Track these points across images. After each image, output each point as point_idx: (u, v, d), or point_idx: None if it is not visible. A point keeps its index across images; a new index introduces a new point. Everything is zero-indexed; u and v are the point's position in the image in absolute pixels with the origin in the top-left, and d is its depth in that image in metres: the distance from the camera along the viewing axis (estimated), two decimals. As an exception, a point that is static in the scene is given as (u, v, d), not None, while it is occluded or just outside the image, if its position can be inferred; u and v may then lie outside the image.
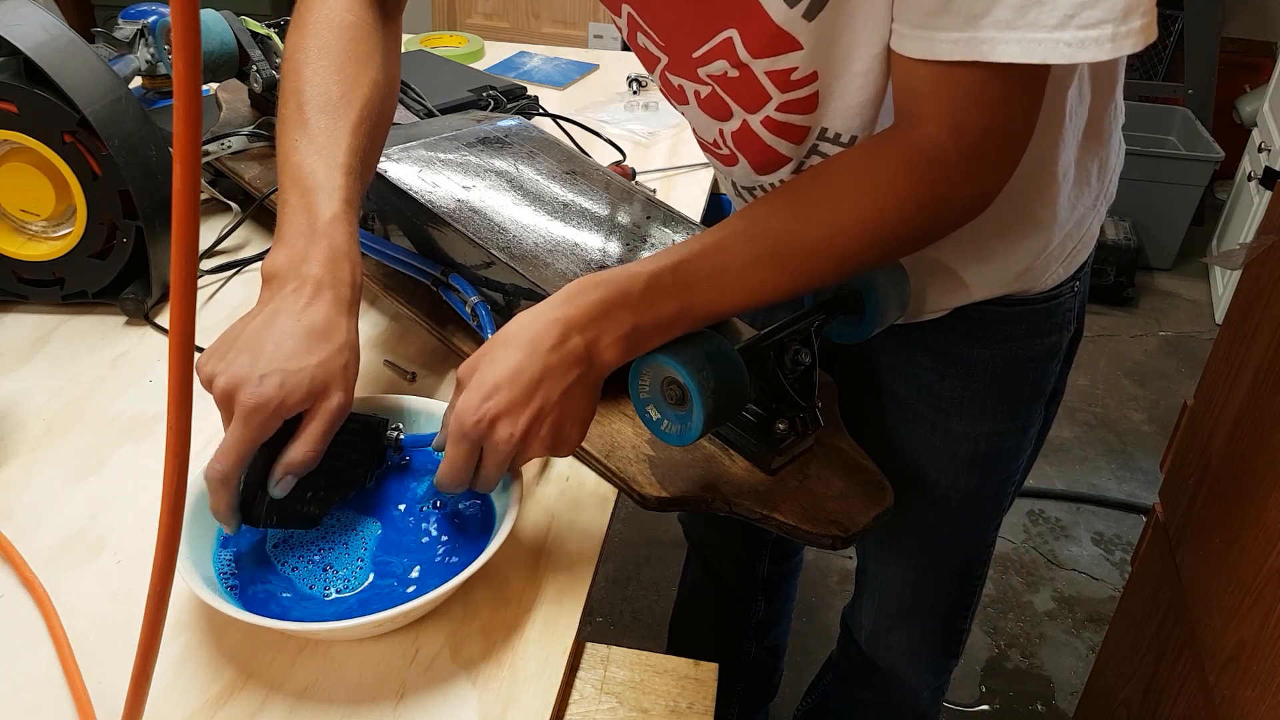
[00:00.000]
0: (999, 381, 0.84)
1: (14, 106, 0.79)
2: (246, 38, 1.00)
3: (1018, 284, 0.78)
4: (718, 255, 0.61)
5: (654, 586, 1.81)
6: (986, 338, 0.82)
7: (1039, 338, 0.83)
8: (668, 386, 0.61)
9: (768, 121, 0.68)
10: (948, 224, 0.62)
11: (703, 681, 0.59)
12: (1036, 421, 0.89)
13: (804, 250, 0.60)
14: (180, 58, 0.32)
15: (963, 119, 0.57)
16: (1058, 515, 2.05)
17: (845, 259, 0.61)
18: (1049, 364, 0.85)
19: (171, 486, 0.39)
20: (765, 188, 0.75)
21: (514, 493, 0.61)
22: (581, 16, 3.21)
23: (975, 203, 0.61)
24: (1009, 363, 0.83)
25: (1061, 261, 0.79)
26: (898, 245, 0.63)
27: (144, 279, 0.87)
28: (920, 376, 0.85)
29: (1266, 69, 2.96)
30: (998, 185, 0.61)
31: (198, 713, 0.54)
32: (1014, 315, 0.81)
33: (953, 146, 0.58)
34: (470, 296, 0.77)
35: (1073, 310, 0.84)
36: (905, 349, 0.85)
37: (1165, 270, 2.97)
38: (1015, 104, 0.57)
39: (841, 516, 0.67)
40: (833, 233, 0.60)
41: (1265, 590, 0.85)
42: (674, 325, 0.60)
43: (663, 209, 0.86)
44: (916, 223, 0.60)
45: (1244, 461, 0.94)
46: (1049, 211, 0.75)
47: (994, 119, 0.57)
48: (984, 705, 1.64)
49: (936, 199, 0.60)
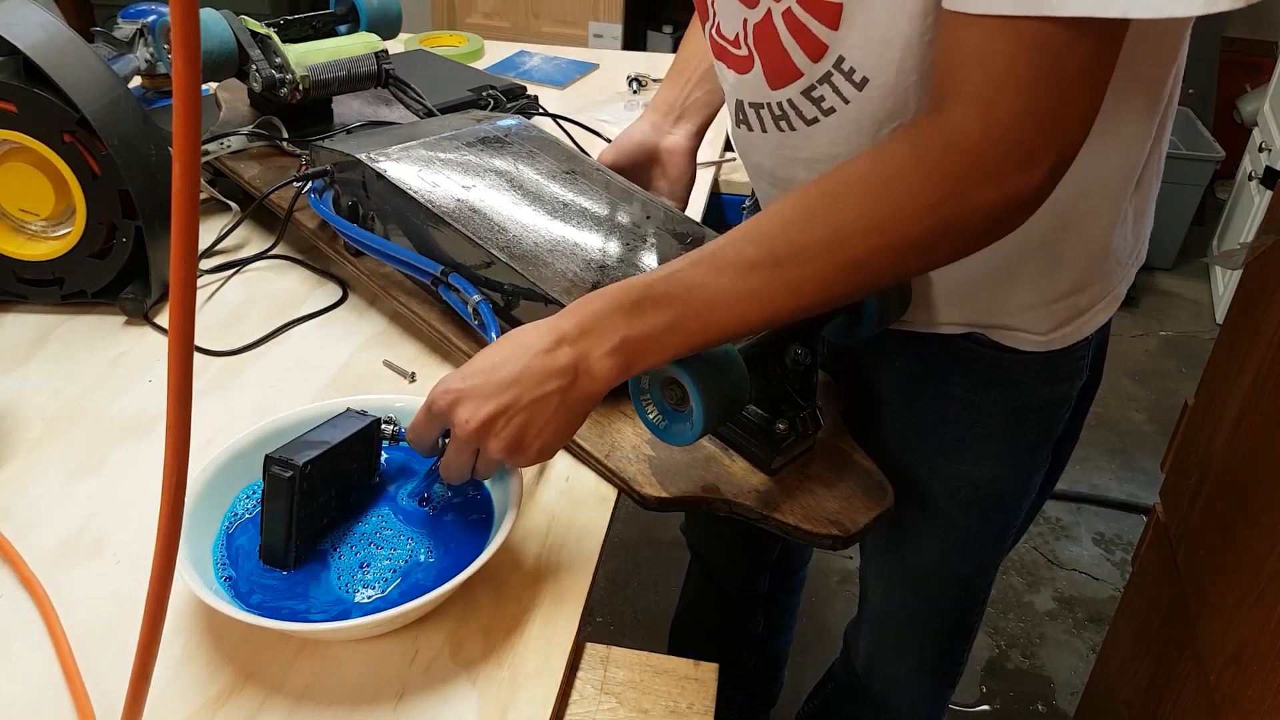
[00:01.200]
0: (1001, 428, 0.79)
1: (13, 106, 0.79)
2: (246, 37, 1.00)
3: (1029, 321, 0.73)
4: (711, 262, 0.57)
5: (654, 586, 1.81)
6: (991, 383, 0.77)
7: (1047, 386, 0.78)
8: (668, 387, 0.61)
9: (788, 16, 0.62)
10: (969, 233, 0.54)
11: (703, 682, 0.59)
12: (1042, 468, 0.85)
13: (801, 256, 0.55)
14: (180, 56, 0.32)
15: (997, 97, 0.50)
16: (1058, 515, 2.04)
17: (848, 268, 0.55)
18: (1057, 412, 0.80)
19: (171, 486, 0.39)
20: (774, 107, 0.68)
21: (514, 493, 0.61)
22: (581, 16, 3.21)
23: (1002, 209, 0.53)
24: (1013, 410, 0.78)
25: (1090, 312, 0.74)
26: (909, 255, 0.55)
27: (143, 279, 0.87)
28: (921, 416, 0.81)
29: (1267, 68, 2.96)
30: (1030, 189, 0.52)
31: (197, 713, 0.54)
32: (1021, 361, 0.75)
33: (979, 130, 0.50)
34: (472, 295, 0.77)
35: (1085, 358, 0.78)
36: (908, 385, 0.82)
37: (1166, 270, 2.97)
38: (1067, 84, 0.49)
39: (841, 516, 0.67)
40: (832, 237, 0.55)
41: (1266, 590, 0.84)
42: (666, 339, 0.56)
43: (663, 208, 0.86)
44: (929, 227, 0.53)
45: (1245, 461, 0.94)
46: (1108, 233, 0.69)
47: (1034, 101, 0.49)
48: (984, 705, 1.63)
49: (952, 198, 0.52)
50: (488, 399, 0.56)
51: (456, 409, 0.57)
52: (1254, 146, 2.78)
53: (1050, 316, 0.73)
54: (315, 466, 0.57)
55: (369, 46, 1.05)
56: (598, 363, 0.56)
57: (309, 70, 1.01)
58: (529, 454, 0.58)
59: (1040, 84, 0.49)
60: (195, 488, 0.60)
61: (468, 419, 0.56)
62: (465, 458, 0.59)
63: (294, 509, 0.58)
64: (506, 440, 0.57)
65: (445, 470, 0.60)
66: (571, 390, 0.57)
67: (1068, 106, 0.50)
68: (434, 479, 0.65)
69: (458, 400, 0.57)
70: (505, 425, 0.56)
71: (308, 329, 0.87)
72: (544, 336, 0.57)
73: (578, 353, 0.56)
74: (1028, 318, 0.74)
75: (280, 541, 0.59)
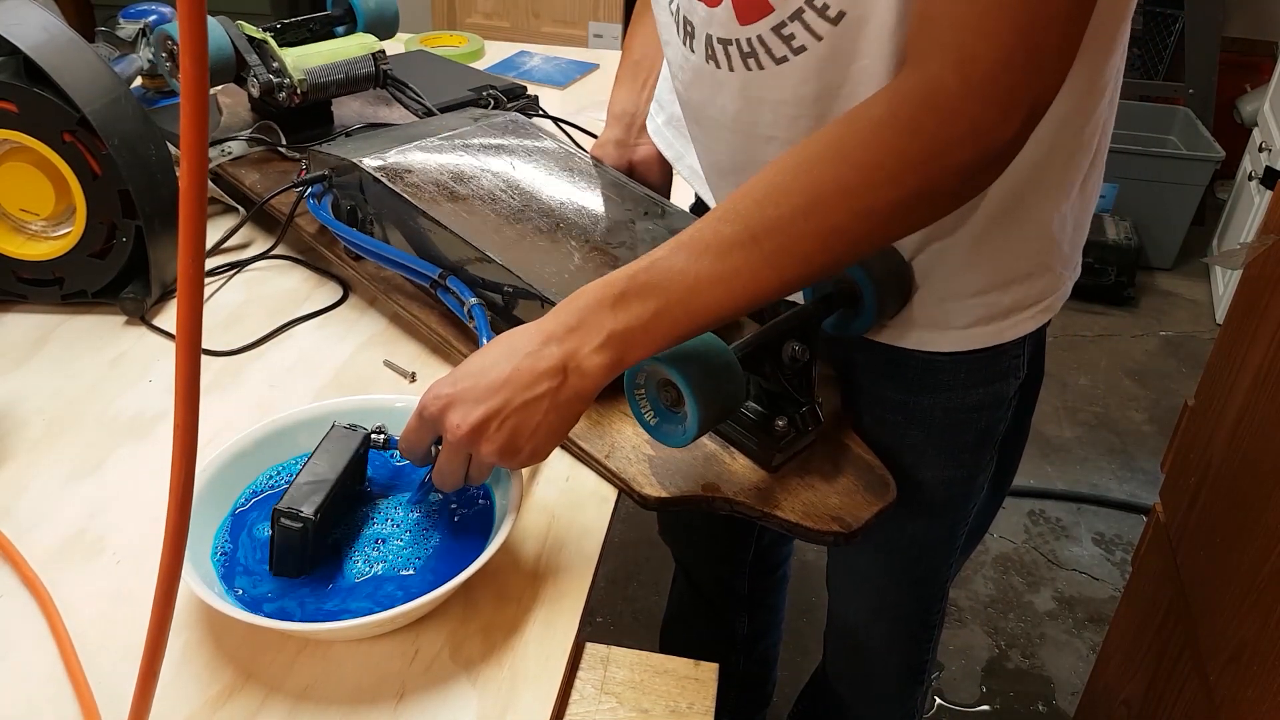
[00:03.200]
0: (939, 430, 0.78)
1: (14, 106, 0.79)
2: (243, 43, 1.00)
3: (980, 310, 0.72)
4: (690, 247, 0.56)
5: (654, 586, 1.81)
6: (923, 385, 0.77)
7: (978, 387, 0.77)
8: (663, 388, 0.61)
9: None
10: (948, 190, 0.54)
11: (703, 681, 0.59)
12: (987, 469, 0.84)
13: (779, 228, 0.54)
14: (187, 56, 0.32)
15: (976, 48, 0.49)
16: (1058, 515, 2.04)
17: (829, 236, 0.54)
18: (995, 412, 0.79)
19: (179, 484, 0.39)
20: (742, 44, 0.64)
21: (514, 493, 0.61)
22: (581, 16, 3.21)
23: (978, 164, 0.52)
24: (948, 411, 0.78)
25: (1022, 314, 0.73)
26: (890, 218, 0.54)
27: (143, 279, 0.87)
28: (860, 420, 0.80)
29: (1267, 68, 2.96)
30: (1005, 144, 0.52)
31: (198, 713, 0.54)
32: (951, 363, 0.75)
33: (955, 82, 0.50)
34: (467, 299, 0.77)
35: (1020, 357, 0.77)
36: (846, 390, 0.80)
37: (1166, 270, 2.97)
38: (1043, 33, 0.48)
39: (843, 513, 0.67)
40: (810, 204, 0.53)
41: (1266, 590, 0.84)
42: (653, 328, 0.56)
43: (661, 206, 0.86)
44: (909, 187, 0.52)
45: (1245, 461, 0.94)
46: (1037, 238, 0.69)
47: (1011, 49, 0.49)
48: (984, 705, 1.63)
49: (929, 155, 0.51)
50: (478, 403, 0.56)
51: (447, 414, 0.57)
52: (1254, 146, 2.78)
53: (967, 311, 0.72)
54: (323, 511, 0.58)
55: (366, 48, 1.05)
56: (587, 359, 0.56)
57: (306, 73, 1.01)
58: (521, 456, 0.58)
59: (1017, 33, 0.49)
60: (196, 488, 0.60)
61: (459, 423, 0.56)
62: (458, 463, 0.58)
63: (307, 550, 0.58)
64: (499, 443, 0.57)
65: (438, 477, 0.60)
66: (563, 389, 0.56)
67: (1044, 54, 0.50)
68: (428, 489, 0.64)
69: (449, 405, 0.57)
70: (497, 429, 0.56)
71: (308, 329, 0.87)
72: (532, 338, 0.57)
73: (566, 351, 0.56)
74: (945, 309, 0.73)
75: (294, 572, 0.59)
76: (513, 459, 0.58)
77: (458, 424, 0.56)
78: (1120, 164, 2.74)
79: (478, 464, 0.59)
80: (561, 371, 0.56)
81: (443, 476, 0.60)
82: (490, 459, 0.57)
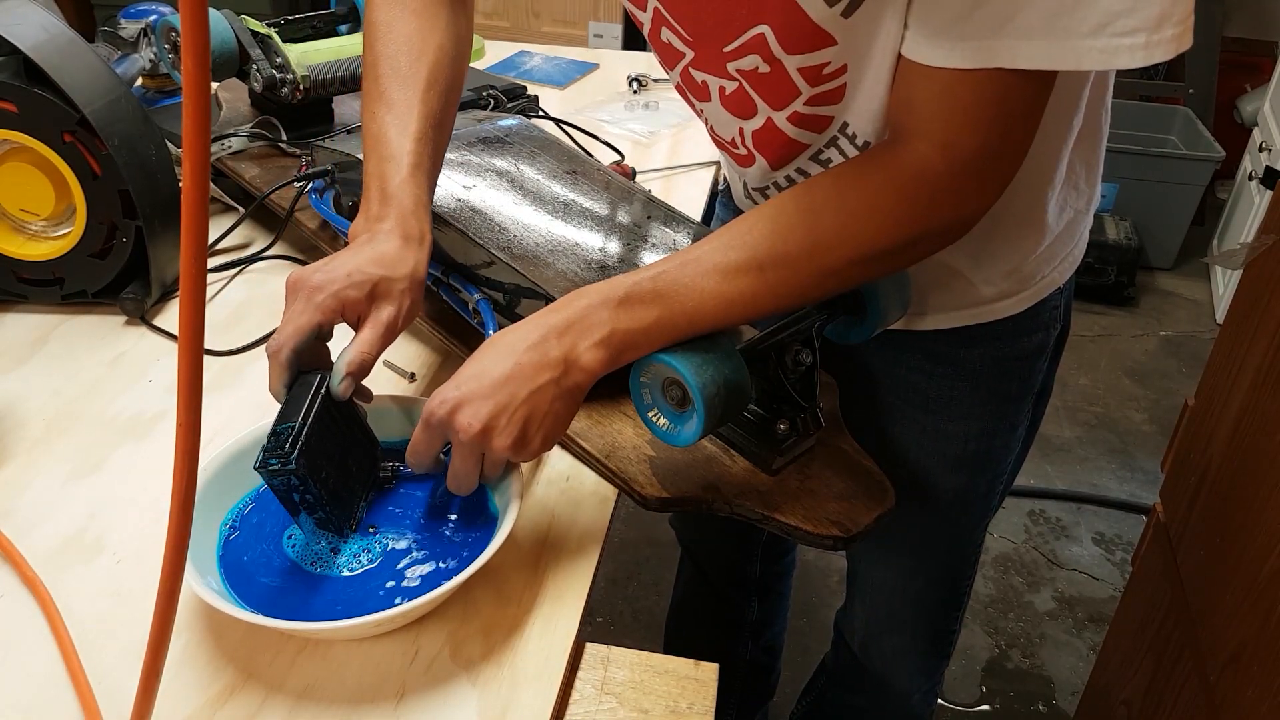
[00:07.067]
0: (987, 380, 0.83)
1: (14, 106, 0.79)
2: (247, 37, 1.00)
3: (1007, 284, 0.78)
4: (698, 265, 0.60)
5: (654, 586, 1.81)
6: (974, 336, 0.81)
7: (1026, 335, 0.82)
8: (669, 387, 0.61)
9: (794, 117, 0.68)
10: (931, 243, 0.62)
11: (703, 681, 0.59)
12: (1025, 420, 0.89)
13: (783, 262, 0.60)
14: (189, 54, 0.32)
15: (956, 137, 0.57)
16: (1058, 515, 2.04)
17: (826, 274, 0.61)
18: (1036, 361, 0.84)
19: (182, 483, 0.39)
20: (780, 184, 0.75)
21: (514, 492, 0.61)
22: (581, 16, 3.21)
23: (957, 225, 0.61)
24: (996, 361, 0.82)
25: (1055, 265, 0.79)
26: (880, 262, 0.62)
27: (143, 279, 0.87)
28: (908, 378, 0.84)
29: (1267, 68, 2.96)
30: (982, 208, 0.60)
31: (198, 713, 0.54)
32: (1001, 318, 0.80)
33: (941, 164, 0.57)
34: (472, 295, 0.77)
35: (1059, 307, 0.83)
36: (892, 350, 0.84)
37: (1166, 270, 2.97)
38: (1013, 121, 0.57)
39: (842, 517, 0.67)
40: (812, 247, 0.60)
41: (1266, 590, 0.84)
42: (653, 333, 0.60)
43: (663, 208, 0.86)
44: (899, 240, 0.60)
45: (1245, 461, 0.94)
46: (1041, 213, 0.75)
47: (987, 138, 0.57)
48: (984, 705, 1.63)
49: (918, 218, 0.59)
50: (486, 399, 0.57)
51: (456, 416, 0.58)
52: (1254, 146, 2.78)
53: (1020, 283, 0.78)
54: (305, 447, 0.57)
55: (369, 46, 1.05)
56: (586, 354, 0.59)
57: (309, 70, 1.01)
58: (533, 447, 0.59)
59: (993, 125, 0.56)
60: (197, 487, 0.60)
61: (470, 422, 0.57)
62: (472, 464, 0.59)
63: (314, 491, 0.58)
64: (511, 437, 0.58)
65: (453, 481, 0.60)
66: (564, 380, 0.59)
67: (1014, 139, 0.58)
68: (443, 497, 0.64)
69: (457, 407, 0.58)
70: (508, 422, 0.58)
71: (308, 329, 0.87)
72: (530, 334, 0.59)
73: (565, 345, 0.59)
74: (1008, 283, 0.78)
75: (327, 522, 0.60)
76: (525, 450, 0.59)
77: (469, 423, 0.57)
78: (1120, 164, 2.74)
79: (491, 461, 0.60)
80: (562, 364, 0.58)
81: (458, 479, 0.60)
82: (503, 454, 0.59)
